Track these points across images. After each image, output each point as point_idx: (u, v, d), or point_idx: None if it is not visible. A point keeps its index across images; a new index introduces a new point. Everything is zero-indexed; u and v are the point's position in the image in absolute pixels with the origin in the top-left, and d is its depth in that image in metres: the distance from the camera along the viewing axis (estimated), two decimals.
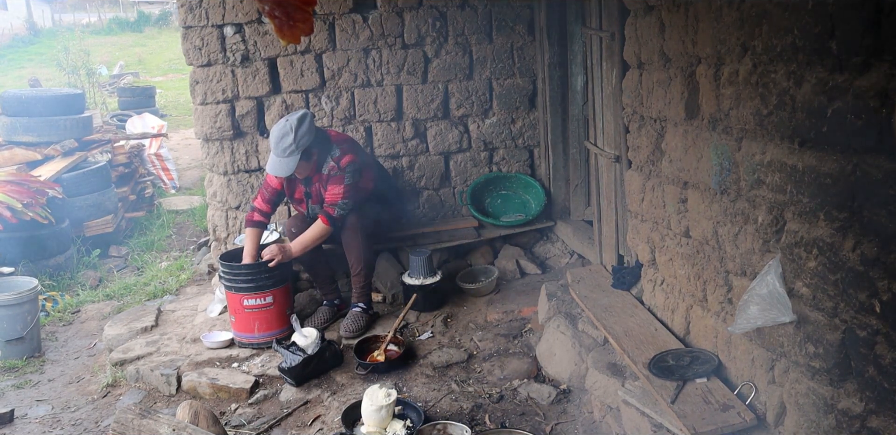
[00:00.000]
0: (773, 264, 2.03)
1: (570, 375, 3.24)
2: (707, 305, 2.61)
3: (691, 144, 2.55)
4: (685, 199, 2.66)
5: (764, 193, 2.12)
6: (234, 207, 4.63)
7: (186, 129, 10.39)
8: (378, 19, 4.44)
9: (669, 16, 2.59)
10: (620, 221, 3.56)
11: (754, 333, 2.26)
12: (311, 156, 3.74)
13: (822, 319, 1.92)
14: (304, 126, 3.65)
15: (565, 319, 3.45)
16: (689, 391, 2.46)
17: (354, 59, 4.48)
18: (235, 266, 3.86)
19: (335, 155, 3.81)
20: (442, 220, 4.79)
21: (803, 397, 2.03)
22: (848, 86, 1.70)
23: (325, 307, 4.12)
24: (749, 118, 2.15)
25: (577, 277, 3.63)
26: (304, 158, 3.68)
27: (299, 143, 3.62)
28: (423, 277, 4.08)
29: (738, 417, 2.29)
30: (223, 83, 4.40)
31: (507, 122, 4.76)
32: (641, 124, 2.96)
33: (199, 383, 3.57)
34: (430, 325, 4.01)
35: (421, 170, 4.74)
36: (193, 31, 4.34)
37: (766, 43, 2.01)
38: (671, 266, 2.85)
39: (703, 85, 2.41)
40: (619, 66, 3.24)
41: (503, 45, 4.63)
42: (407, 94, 4.61)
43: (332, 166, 3.81)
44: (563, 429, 3.03)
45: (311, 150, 3.71)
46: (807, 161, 1.90)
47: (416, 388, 3.42)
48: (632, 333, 2.93)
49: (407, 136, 4.66)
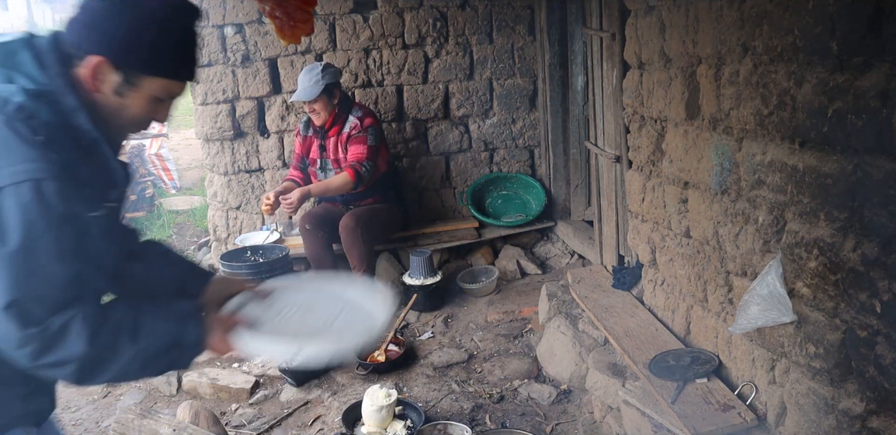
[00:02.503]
0: (773, 264, 2.03)
1: (571, 376, 3.24)
2: (707, 306, 2.61)
3: (692, 145, 2.55)
4: (686, 199, 2.66)
5: (764, 194, 2.12)
6: (234, 207, 4.63)
7: (187, 130, 10.39)
8: (378, 19, 4.44)
9: (670, 16, 2.59)
10: (621, 221, 3.56)
11: (755, 333, 2.26)
12: (334, 95, 4.00)
13: (822, 319, 1.92)
14: (332, 68, 4.01)
15: (566, 319, 3.44)
16: (689, 391, 2.46)
17: (355, 59, 4.48)
18: (236, 266, 3.86)
19: (358, 114, 4.06)
20: (442, 220, 4.79)
21: (804, 397, 2.03)
22: (848, 86, 1.70)
23: None
24: (749, 118, 2.15)
25: (578, 277, 3.63)
26: (326, 92, 3.93)
27: (325, 76, 3.90)
28: (424, 278, 4.08)
29: (738, 418, 2.29)
30: (224, 83, 4.40)
31: (508, 123, 4.76)
32: (642, 124, 2.96)
33: (200, 383, 3.57)
34: (430, 325, 4.01)
35: (422, 170, 4.74)
36: None
37: (767, 43, 2.01)
38: (672, 266, 2.85)
39: (704, 85, 2.41)
40: (620, 66, 3.24)
41: (504, 46, 4.63)
42: (407, 95, 4.61)
43: (355, 125, 4.03)
44: (563, 429, 3.03)
45: (334, 89, 3.99)
46: (807, 161, 1.90)
47: (416, 388, 3.42)
48: (632, 334, 2.93)
49: (408, 136, 4.67)
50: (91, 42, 1.34)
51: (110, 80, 1.36)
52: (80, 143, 1.35)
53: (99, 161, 1.39)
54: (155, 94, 1.41)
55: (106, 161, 1.40)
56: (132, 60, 1.36)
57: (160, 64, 1.39)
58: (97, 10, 1.35)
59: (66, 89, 1.33)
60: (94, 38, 1.34)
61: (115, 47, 1.34)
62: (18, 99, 1.28)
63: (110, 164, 1.41)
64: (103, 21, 1.35)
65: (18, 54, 1.34)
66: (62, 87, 1.33)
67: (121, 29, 1.34)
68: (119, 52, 1.35)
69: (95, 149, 1.37)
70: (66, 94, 1.33)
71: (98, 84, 1.36)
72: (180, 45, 1.42)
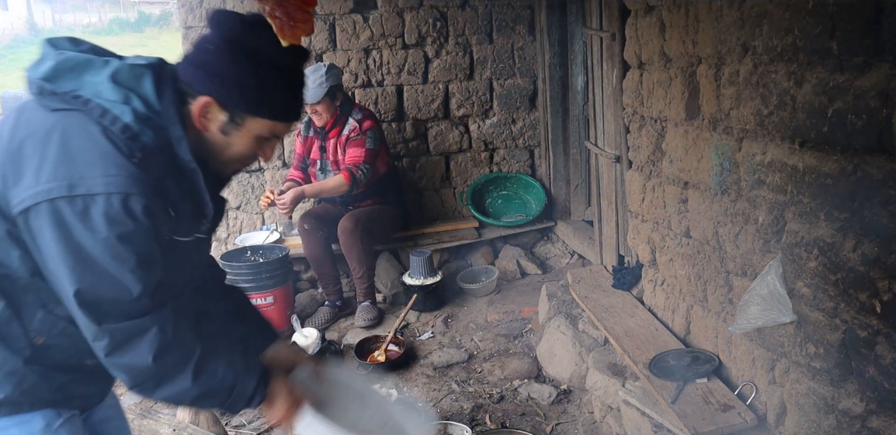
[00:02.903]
0: (773, 264, 2.03)
1: (571, 376, 3.24)
2: (707, 306, 2.61)
3: (692, 145, 2.55)
4: (686, 199, 2.66)
5: (764, 194, 2.12)
6: (234, 207, 4.63)
7: None
8: (378, 19, 4.44)
9: (670, 16, 2.59)
10: (621, 221, 3.56)
11: (755, 333, 2.26)
12: (336, 97, 3.99)
13: (822, 319, 1.92)
14: (336, 69, 4.01)
15: (566, 319, 3.44)
16: (689, 391, 2.46)
17: (355, 59, 4.48)
18: (236, 266, 3.86)
19: (357, 116, 4.05)
20: (442, 220, 4.79)
21: (804, 397, 2.03)
22: (848, 86, 1.70)
23: (326, 308, 4.12)
24: (749, 118, 2.15)
25: (578, 277, 3.63)
26: (329, 95, 3.92)
27: (329, 78, 3.91)
28: (424, 278, 4.08)
29: (738, 418, 2.29)
30: None
31: (508, 123, 4.76)
32: (642, 124, 2.96)
33: None
34: (430, 325, 4.01)
35: (422, 170, 4.74)
36: (194, 32, 4.34)
37: (767, 43, 2.01)
38: (672, 266, 2.85)
39: (704, 85, 2.41)
40: (620, 66, 3.24)
41: (503, 46, 4.63)
42: (407, 95, 4.61)
43: (354, 127, 4.02)
44: (563, 429, 3.03)
45: (337, 92, 3.98)
46: (807, 161, 1.90)
47: (416, 388, 3.42)
48: (632, 334, 2.93)
49: (408, 136, 4.67)
50: (201, 82, 1.39)
51: (217, 119, 1.41)
52: (176, 171, 1.40)
53: (193, 191, 1.44)
54: (259, 134, 1.45)
55: (200, 192, 1.44)
56: (239, 102, 1.40)
57: (266, 106, 1.42)
58: (209, 51, 1.39)
59: (174, 119, 1.38)
60: (204, 79, 1.39)
61: (224, 89, 1.39)
62: (127, 119, 1.33)
63: (203, 196, 1.45)
64: (215, 62, 1.38)
65: (143, 78, 1.38)
66: (172, 117, 1.38)
67: (231, 71, 1.38)
68: (227, 94, 1.39)
69: (192, 179, 1.42)
70: (173, 123, 1.38)
71: (205, 122, 1.42)
72: (287, 88, 1.45)
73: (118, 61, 1.40)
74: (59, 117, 1.33)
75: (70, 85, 1.35)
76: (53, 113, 1.34)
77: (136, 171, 1.31)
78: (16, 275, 1.37)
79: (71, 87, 1.35)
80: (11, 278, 1.37)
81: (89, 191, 1.27)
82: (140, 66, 1.40)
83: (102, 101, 1.33)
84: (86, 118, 1.32)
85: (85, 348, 1.41)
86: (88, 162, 1.29)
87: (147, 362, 1.37)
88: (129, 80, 1.37)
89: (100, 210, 1.28)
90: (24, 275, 1.36)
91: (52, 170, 1.28)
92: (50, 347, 1.44)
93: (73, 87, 1.35)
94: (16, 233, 1.33)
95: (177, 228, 1.42)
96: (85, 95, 1.34)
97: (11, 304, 1.39)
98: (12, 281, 1.38)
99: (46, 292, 1.38)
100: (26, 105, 1.41)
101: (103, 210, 1.28)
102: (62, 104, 1.34)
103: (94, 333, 1.34)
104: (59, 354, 1.46)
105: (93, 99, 1.33)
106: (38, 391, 1.47)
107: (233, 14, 1.41)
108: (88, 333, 1.35)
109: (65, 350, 1.46)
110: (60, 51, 1.39)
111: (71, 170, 1.28)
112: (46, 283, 1.36)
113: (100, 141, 1.30)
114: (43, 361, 1.45)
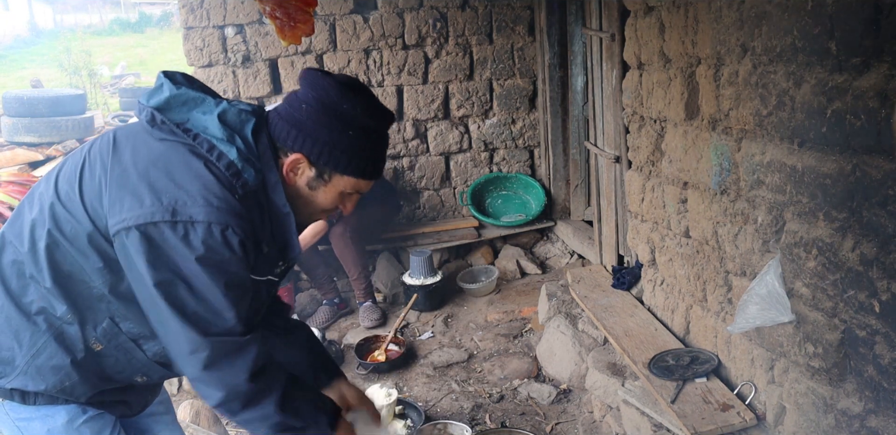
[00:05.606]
0: (772, 264, 2.04)
1: (571, 375, 3.24)
2: (707, 305, 2.61)
3: (691, 145, 2.55)
4: (685, 199, 2.67)
5: (763, 194, 2.12)
6: None
7: None
8: (379, 20, 4.45)
9: (669, 16, 2.59)
10: (620, 221, 3.57)
11: (754, 332, 2.26)
12: None
13: (821, 318, 1.92)
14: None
15: (565, 319, 3.45)
16: (689, 391, 2.46)
17: (355, 59, 4.49)
18: None
19: None
20: (442, 220, 4.79)
21: (803, 397, 2.03)
22: (847, 86, 1.71)
23: (325, 307, 4.13)
24: (749, 119, 2.15)
25: (577, 277, 3.64)
26: None
27: None
28: (424, 277, 4.09)
29: (737, 417, 2.30)
30: (224, 84, 4.40)
31: (508, 123, 4.77)
32: (641, 125, 2.97)
33: None
34: (430, 325, 4.01)
35: (421, 170, 4.75)
36: (195, 32, 4.35)
37: (766, 44, 2.01)
38: (671, 266, 2.85)
39: (703, 85, 2.42)
40: (619, 66, 3.25)
41: (503, 46, 4.64)
42: (407, 95, 4.62)
43: None
44: (563, 429, 3.04)
45: None
46: (806, 161, 1.90)
47: (416, 387, 3.43)
48: (632, 333, 2.93)
49: (407, 136, 4.67)
50: (294, 139, 1.46)
51: (305, 174, 1.49)
52: (271, 214, 1.46)
53: (281, 234, 1.50)
54: (344, 190, 1.53)
55: (288, 236, 1.50)
56: (329, 161, 1.47)
57: (353, 165, 1.49)
58: (303, 111, 1.45)
59: (271, 165, 1.45)
60: (297, 137, 1.45)
61: (316, 148, 1.46)
62: (232, 156, 1.40)
63: (291, 239, 1.51)
64: (308, 122, 1.45)
65: (247, 123, 1.46)
66: (269, 163, 1.45)
67: (323, 133, 1.45)
68: (318, 153, 1.46)
69: (283, 222, 1.48)
70: (270, 169, 1.45)
71: (293, 177, 1.49)
72: (373, 150, 1.52)
73: (226, 103, 1.47)
74: (167, 147, 1.39)
75: (180, 117, 1.42)
76: (161, 142, 1.40)
77: (237, 205, 1.36)
78: (93, 283, 1.43)
79: (180, 119, 1.42)
80: (88, 285, 1.44)
81: (191, 218, 1.32)
82: (245, 112, 1.47)
83: (209, 136, 1.40)
84: (192, 150, 1.39)
85: (139, 366, 1.48)
86: (193, 191, 1.34)
87: (242, 380, 1.40)
88: (235, 122, 1.44)
89: (199, 236, 1.33)
90: (99, 286, 1.43)
91: (156, 196, 1.33)
92: (105, 356, 1.49)
93: (182, 120, 1.42)
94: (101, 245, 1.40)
95: (255, 267, 1.47)
96: (194, 130, 1.41)
97: (76, 308, 1.44)
98: (88, 288, 1.44)
99: (117, 307, 1.45)
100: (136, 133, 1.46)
101: (202, 237, 1.33)
102: (170, 135, 1.41)
103: (197, 344, 1.37)
104: (111, 364, 1.50)
105: (201, 133, 1.40)
106: (77, 392, 1.51)
107: (327, 76, 1.47)
108: (187, 346, 1.37)
109: (118, 362, 1.51)
110: (178, 85, 1.45)
111: (175, 197, 1.33)
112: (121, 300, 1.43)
113: (204, 173, 1.36)
114: (92, 367, 1.49)
